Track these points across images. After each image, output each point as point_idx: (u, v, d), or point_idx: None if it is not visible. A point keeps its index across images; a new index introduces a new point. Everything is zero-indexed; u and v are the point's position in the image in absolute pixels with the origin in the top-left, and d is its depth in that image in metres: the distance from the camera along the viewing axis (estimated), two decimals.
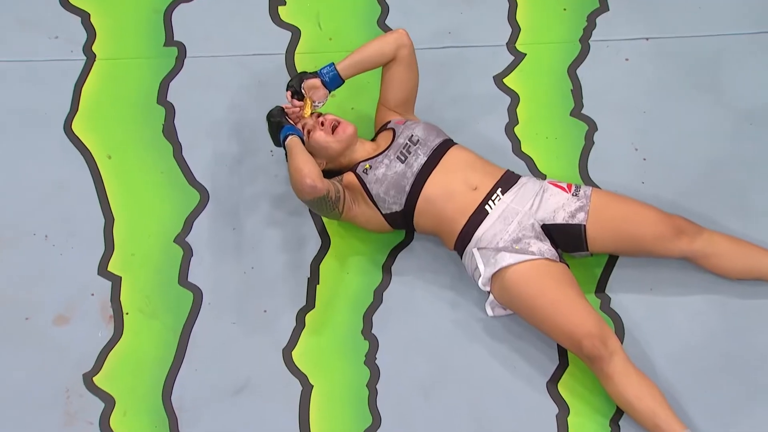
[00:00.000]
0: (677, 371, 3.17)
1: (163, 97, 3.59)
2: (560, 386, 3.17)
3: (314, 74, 3.27)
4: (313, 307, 3.31)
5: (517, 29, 3.67)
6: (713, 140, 3.47)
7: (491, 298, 3.18)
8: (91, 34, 3.68)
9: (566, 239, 3.18)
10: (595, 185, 3.41)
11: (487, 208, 3.16)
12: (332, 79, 3.27)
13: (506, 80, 3.61)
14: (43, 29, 3.68)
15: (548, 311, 3.05)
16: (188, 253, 3.38)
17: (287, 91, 3.27)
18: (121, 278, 3.35)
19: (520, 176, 3.25)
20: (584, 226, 3.16)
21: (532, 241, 3.11)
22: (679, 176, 3.43)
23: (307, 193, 3.09)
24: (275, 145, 3.29)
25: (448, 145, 3.26)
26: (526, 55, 3.64)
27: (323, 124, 3.26)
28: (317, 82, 3.26)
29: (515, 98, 3.58)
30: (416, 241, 3.37)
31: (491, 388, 3.19)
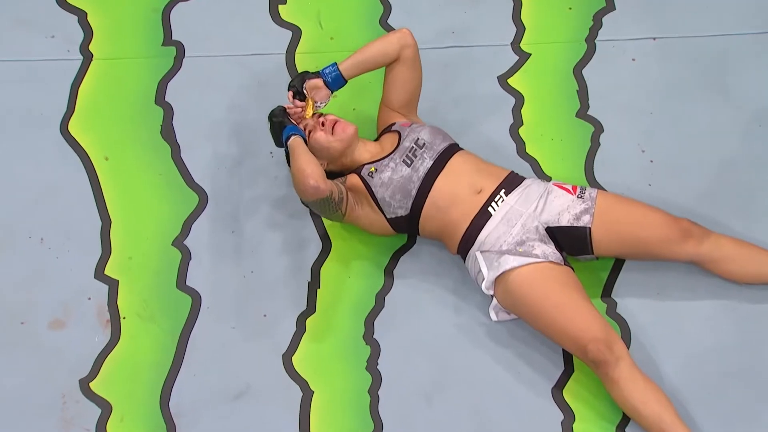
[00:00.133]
0: (684, 377, 3.16)
1: (161, 97, 3.59)
2: (565, 392, 3.16)
3: (316, 74, 3.28)
4: (313, 311, 3.30)
5: (521, 29, 3.67)
6: (721, 141, 3.48)
7: (495, 302, 3.17)
8: (88, 33, 3.68)
9: (571, 242, 3.17)
10: (600, 187, 3.41)
11: (490, 210, 3.16)
12: (335, 79, 3.27)
13: (511, 81, 3.61)
14: (39, 28, 3.68)
15: (553, 315, 3.04)
16: (187, 256, 3.38)
17: (289, 91, 3.28)
18: (118, 282, 3.35)
19: (524, 178, 3.25)
20: (589, 228, 3.15)
21: (536, 243, 3.10)
22: (686, 178, 3.43)
23: (310, 194, 3.08)
24: (277, 145, 3.29)
25: (453, 149, 3.26)
26: (530, 55, 3.64)
27: (324, 124, 3.27)
28: (319, 82, 3.27)
29: (520, 99, 3.58)
30: (419, 244, 3.37)
31: (495, 394, 3.18)
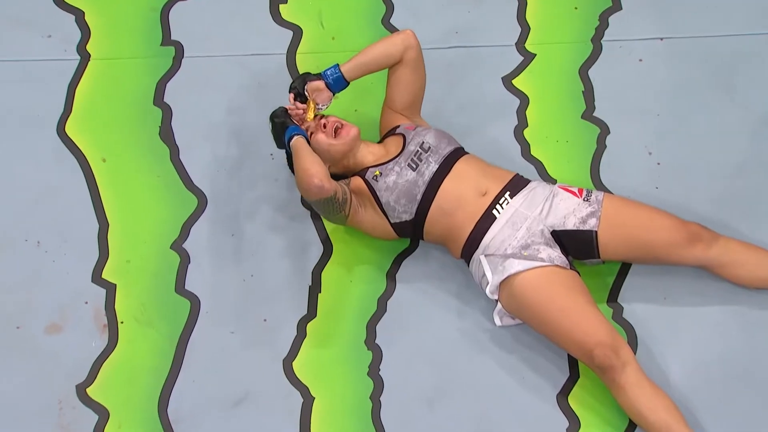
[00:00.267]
0: (692, 383, 3.15)
1: (159, 98, 3.58)
2: (571, 399, 3.16)
3: (318, 76, 3.28)
4: (314, 316, 3.29)
5: (526, 29, 3.66)
6: (730, 144, 3.46)
7: (499, 306, 3.16)
8: (85, 32, 3.67)
9: (577, 246, 3.16)
10: (607, 190, 3.40)
11: (494, 212, 3.15)
12: (336, 81, 3.26)
13: (515, 81, 3.60)
14: (36, 28, 3.68)
15: (558, 320, 3.03)
16: (185, 259, 3.37)
17: (290, 93, 3.28)
18: (115, 286, 3.34)
19: (529, 180, 3.25)
20: (596, 232, 3.14)
21: (541, 247, 3.09)
22: (694, 181, 3.42)
23: (314, 193, 3.07)
24: (278, 146, 3.28)
25: (459, 153, 3.25)
26: (536, 55, 3.63)
27: (325, 126, 3.26)
28: (321, 84, 3.27)
29: (525, 100, 3.57)
30: (422, 248, 3.36)
31: (499, 400, 3.17)
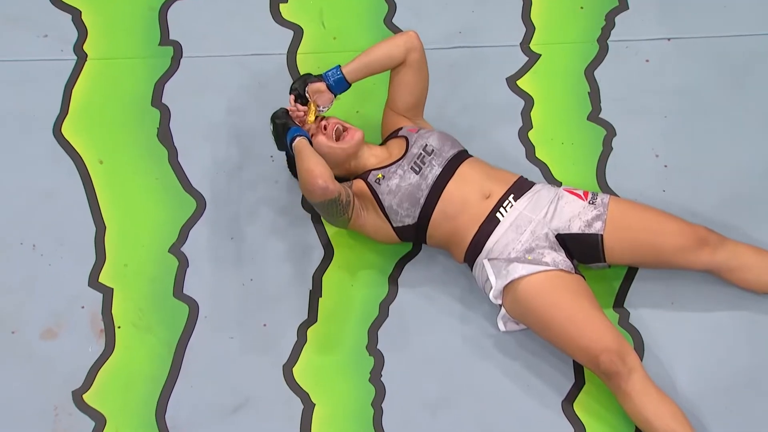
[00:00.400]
0: (699, 390, 3.14)
1: (158, 99, 3.57)
2: (576, 406, 3.14)
3: (319, 77, 3.26)
4: (315, 321, 3.28)
5: (531, 28, 3.65)
6: (738, 146, 3.45)
7: (503, 311, 3.15)
8: (82, 32, 3.66)
9: (582, 249, 3.14)
10: (613, 193, 3.39)
11: (498, 215, 3.14)
12: (338, 82, 3.25)
13: (520, 82, 3.59)
14: (31, 27, 3.66)
15: (563, 325, 3.01)
16: (184, 263, 3.35)
17: (290, 94, 3.27)
18: (113, 290, 3.33)
19: (534, 183, 3.23)
20: (601, 235, 3.12)
21: (545, 251, 3.08)
22: (702, 184, 3.40)
23: (318, 194, 3.06)
24: (279, 148, 3.26)
25: (462, 156, 3.24)
26: (540, 55, 3.62)
27: (326, 128, 3.24)
28: (322, 85, 3.25)
29: (529, 101, 3.55)
30: (425, 251, 3.34)
31: (503, 407, 3.15)
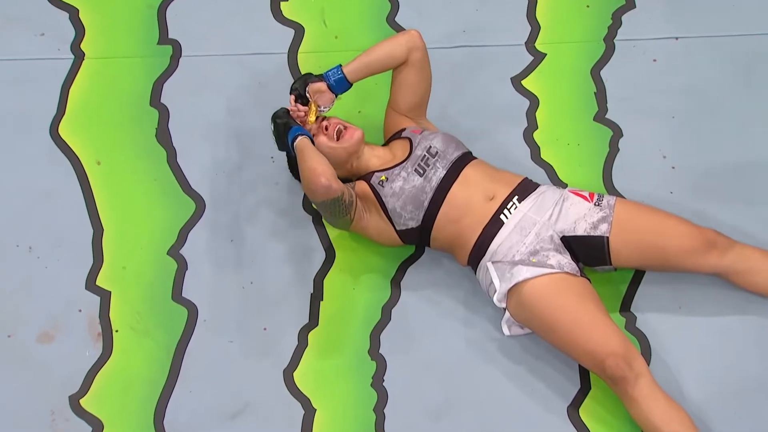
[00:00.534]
0: (707, 395, 3.12)
1: (156, 98, 3.56)
2: (582, 411, 3.13)
3: (319, 77, 3.25)
4: (316, 325, 3.27)
5: (536, 27, 3.63)
6: (747, 147, 3.43)
7: (507, 315, 3.13)
8: (79, 31, 3.65)
9: (588, 252, 3.13)
10: (619, 195, 3.37)
11: (502, 217, 3.13)
12: (339, 82, 3.24)
13: (525, 82, 3.57)
14: (28, 26, 3.66)
15: (569, 329, 2.99)
16: (183, 266, 3.34)
17: (291, 94, 3.26)
18: (110, 293, 3.32)
19: (538, 184, 3.22)
20: (607, 238, 3.10)
21: (550, 253, 3.06)
22: (710, 186, 3.39)
23: (321, 194, 3.04)
24: (280, 148, 3.25)
25: (467, 158, 3.23)
26: (546, 55, 3.60)
27: (327, 128, 3.23)
28: (323, 85, 3.24)
29: (534, 101, 3.54)
30: (428, 254, 3.33)
31: (507, 413, 3.14)
